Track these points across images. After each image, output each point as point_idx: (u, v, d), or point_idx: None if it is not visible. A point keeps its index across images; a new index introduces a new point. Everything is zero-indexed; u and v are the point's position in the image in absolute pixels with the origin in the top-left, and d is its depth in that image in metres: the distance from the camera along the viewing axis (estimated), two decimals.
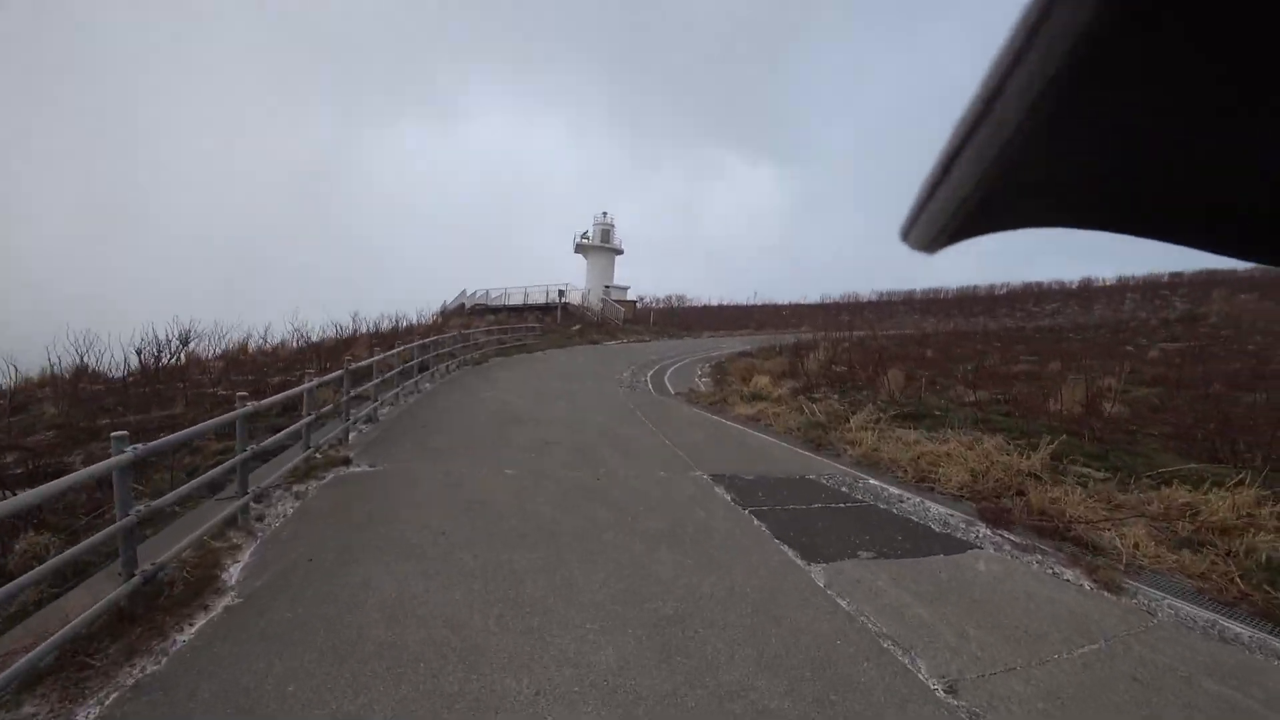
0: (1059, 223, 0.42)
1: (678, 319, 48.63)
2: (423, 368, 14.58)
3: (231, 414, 5.64)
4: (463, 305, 52.54)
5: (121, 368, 15.80)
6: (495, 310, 49.02)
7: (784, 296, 74.45)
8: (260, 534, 5.60)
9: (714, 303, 66.64)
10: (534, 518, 6.24)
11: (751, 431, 11.58)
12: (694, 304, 64.76)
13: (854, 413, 12.98)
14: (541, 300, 45.73)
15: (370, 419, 10.37)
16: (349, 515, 6.09)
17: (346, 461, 7.82)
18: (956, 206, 0.38)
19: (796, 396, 15.15)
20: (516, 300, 48.73)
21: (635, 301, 48.22)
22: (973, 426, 11.11)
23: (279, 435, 7.34)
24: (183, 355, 17.75)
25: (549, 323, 37.68)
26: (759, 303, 68.38)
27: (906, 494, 7.84)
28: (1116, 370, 17.03)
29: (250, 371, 17.20)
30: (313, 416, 7.64)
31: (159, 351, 16.62)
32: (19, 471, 7.72)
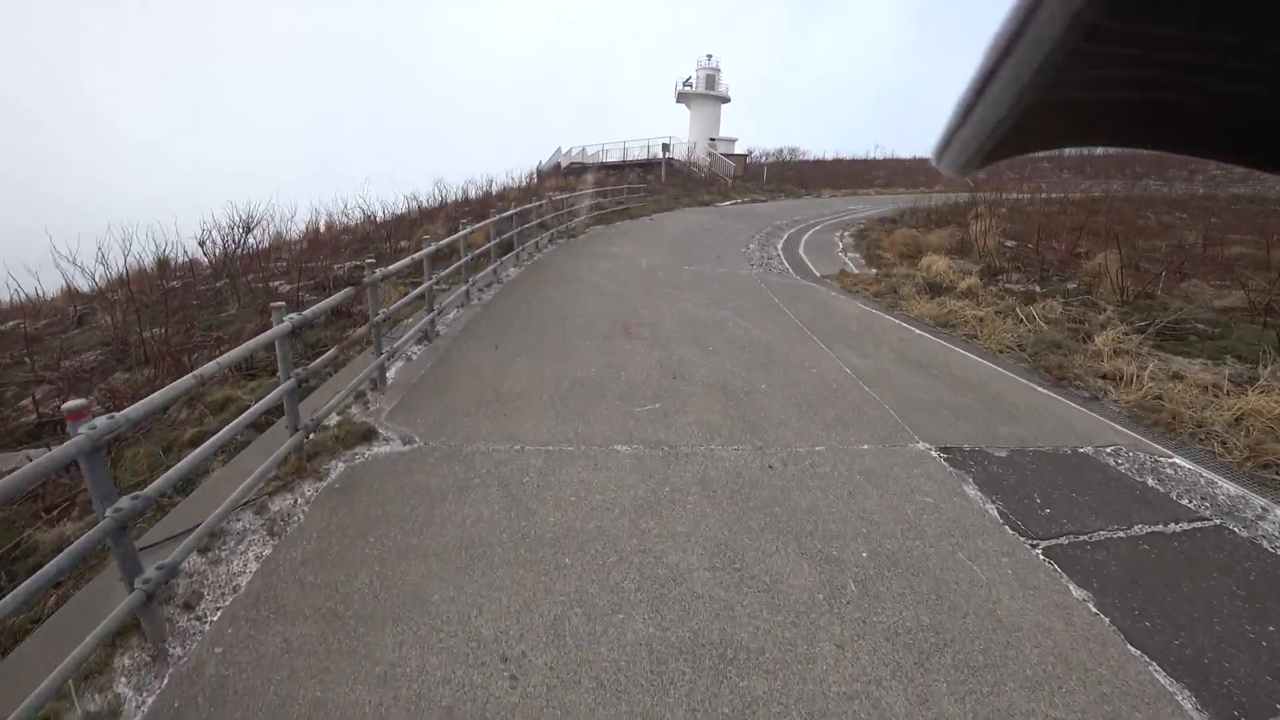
0: (1100, 141, 0.40)
1: (794, 175, 43.25)
2: (506, 248, 11.44)
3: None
4: (558, 165, 49.01)
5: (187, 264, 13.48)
6: (593, 169, 45.18)
7: (906, 149, 66.24)
8: None
9: (828, 156, 59.85)
10: (673, 608, 3.09)
11: (954, 348, 7.97)
12: (807, 158, 58.33)
13: (1082, 320, 9.08)
14: (642, 156, 41.39)
15: (427, 335, 7.28)
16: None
17: (369, 436, 4.82)
18: (993, 128, 0.36)
19: (987, 287, 11.22)
20: (615, 157, 44.58)
21: (745, 155, 43.02)
22: None
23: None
24: (250, 241, 15.26)
25: (652, 181, 33.60)
26: (880, 156, 60.96)
27: (1252, 496, 4.50)
28: None
29: (328, 253, 14.68)
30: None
31: (227, 242, 14.18)
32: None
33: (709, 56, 45.20)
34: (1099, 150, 59.62)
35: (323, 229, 18.77)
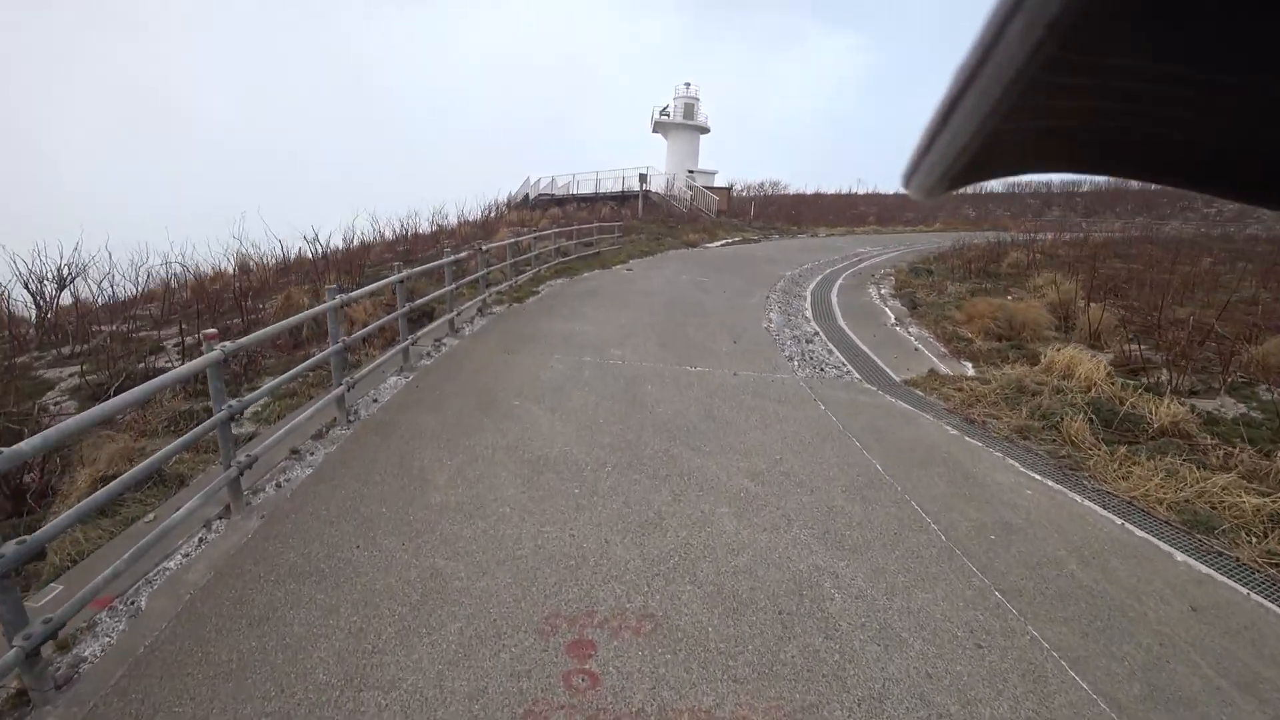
0: (1061, 168, 0.41)
1: (783, 211, 38.97)
2: (422, 317, 6.60)
3: None
4: (526, 196, 44.39)
5: None
6: (562, 201, 40.60)
7: (887, 185, 62.70)
8: None
9: (809, 191, 55.96)
10: None
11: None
12: (789, 192, 54.40)
13: None
14: (616, 189, 36.86)
15: None
16: None
17: None
18: (957, 154, 0.37)
19: (1184, 406, 6.58)
20: (587, 189, 40.06)
21: (729, 189, 38.69)
22: None
23: None
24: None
25: (627, 216, 29.03)
26: (862, 191, 57.22)
27: None
28: None
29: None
30: None
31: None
32: None
33: (687, 84, 41.12)
34: (1085, 185, 56.66)
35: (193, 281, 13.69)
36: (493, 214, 29.54)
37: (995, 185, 56.88)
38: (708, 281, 14.03)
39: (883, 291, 13.98)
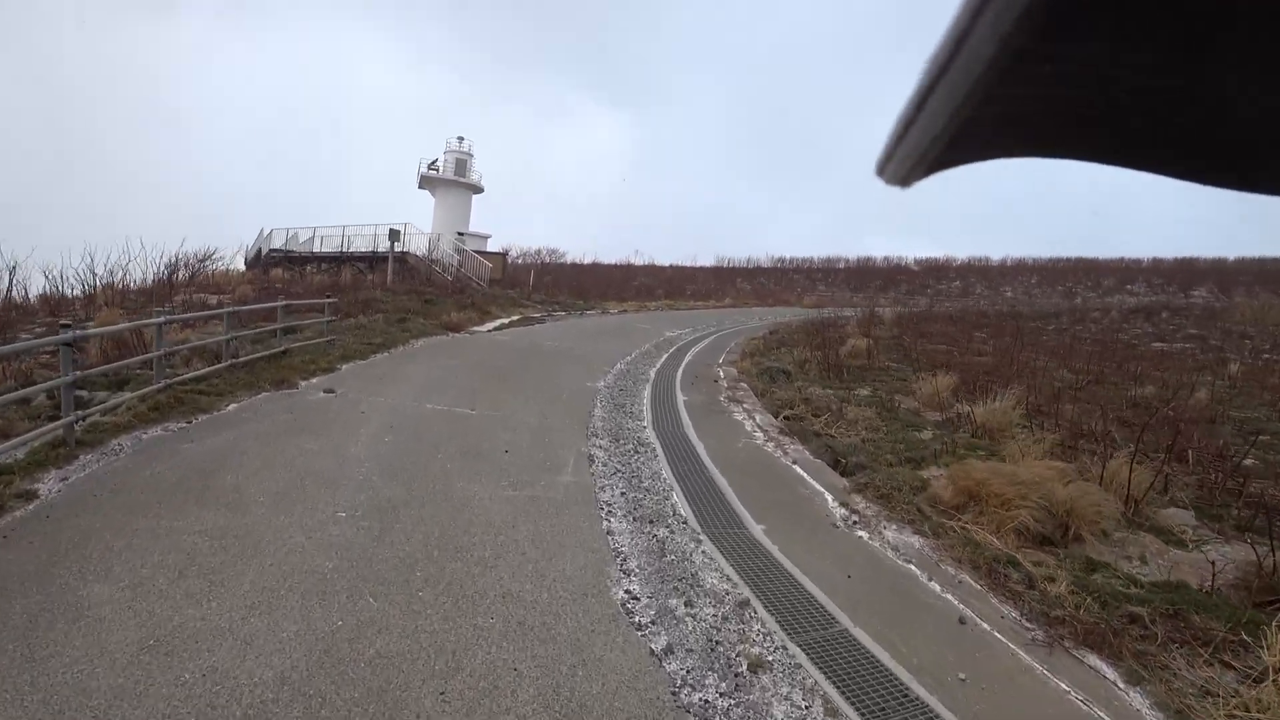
0: (1032, 153, 0.41)
1: (565, 282, 33.69)
2: None
3: None
4: (259, 252, 34.98)
5: None
6: (301, 260, 32.10)
7: (661, 255, 61.01)
8: None
9: (587, 260, 51.87)
10: None
11: None
12: (567, 261, 49.80)
13: None
14: (367, 249, 29.40)
15: None
16: None
17: None
18: (930, 142, 0.37)
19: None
20: (332, 246, 32.02)
21: (505, 254, 32.73)
22: None
23: None
24: None
25: (375, 281, 21.83)
26: (640, 262, 54.38)
27: None
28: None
29: None
30: None
31: None
32: None
33: (460, 139, 35.24)
34: (840, 262, 59.12)
35: None
36: (180, 273, 20.60)
37: (762, 259, 57.36)
38: (475, 412, 7.69)
39: (756, 419, 8.63)
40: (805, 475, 6.52)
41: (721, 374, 11.99)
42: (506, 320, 17.87)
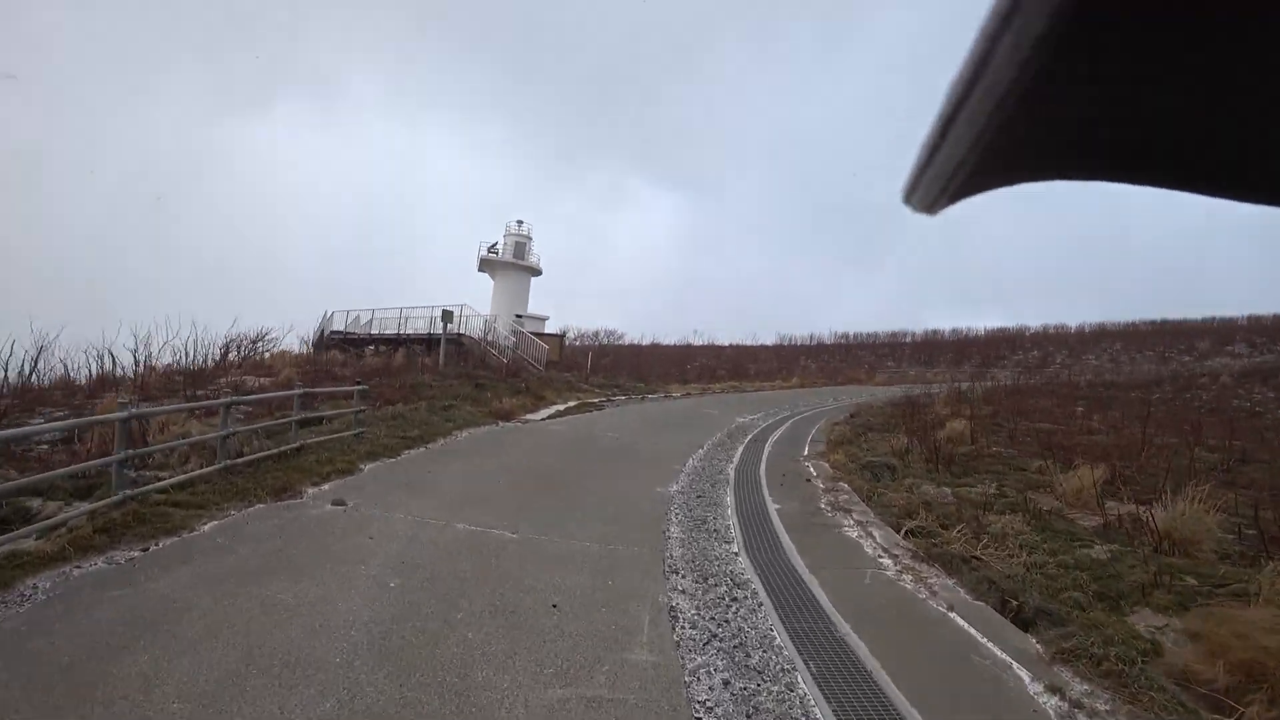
0: (1058, 176, 0.39)
1: (624, 364, 32.29)
2: None
3: None
4: (322, 333, 34.86)
5: None
6: (360, 342, 31.73)
7: (721, 335, 59.32)
8: None
9: (645, 341, 50.61)
10: None
11: None
12: (625, 342, 48.64)
13: None
14: (424, 330, 28.75)
15: None
16: None
17: None
18: (955, 168, 0.36)
19: None
20: (391, 329, 31.63)
21: (562, 336, 31.63)
22: None
23: None
24: None
25: (428, 364, 20.76)
26: (699, 343, 52.86)
27: None
28: None
29: None
30: None
31: None
32: None
33: (519, 222, 35.05)
34: (908, 336, 56.13)
35: None
36: (233, 354, 19.93)
37: (825, 336, 55.18)
38: (517, 536, 5.89)
39: (875, 535, 6.56)
40: (973, 632, 4.45)
41: (812, 470, 9.96)
42: (563, 406, 16.27)
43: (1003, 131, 0.32)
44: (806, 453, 11.56)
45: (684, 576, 5.09)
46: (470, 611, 4.17)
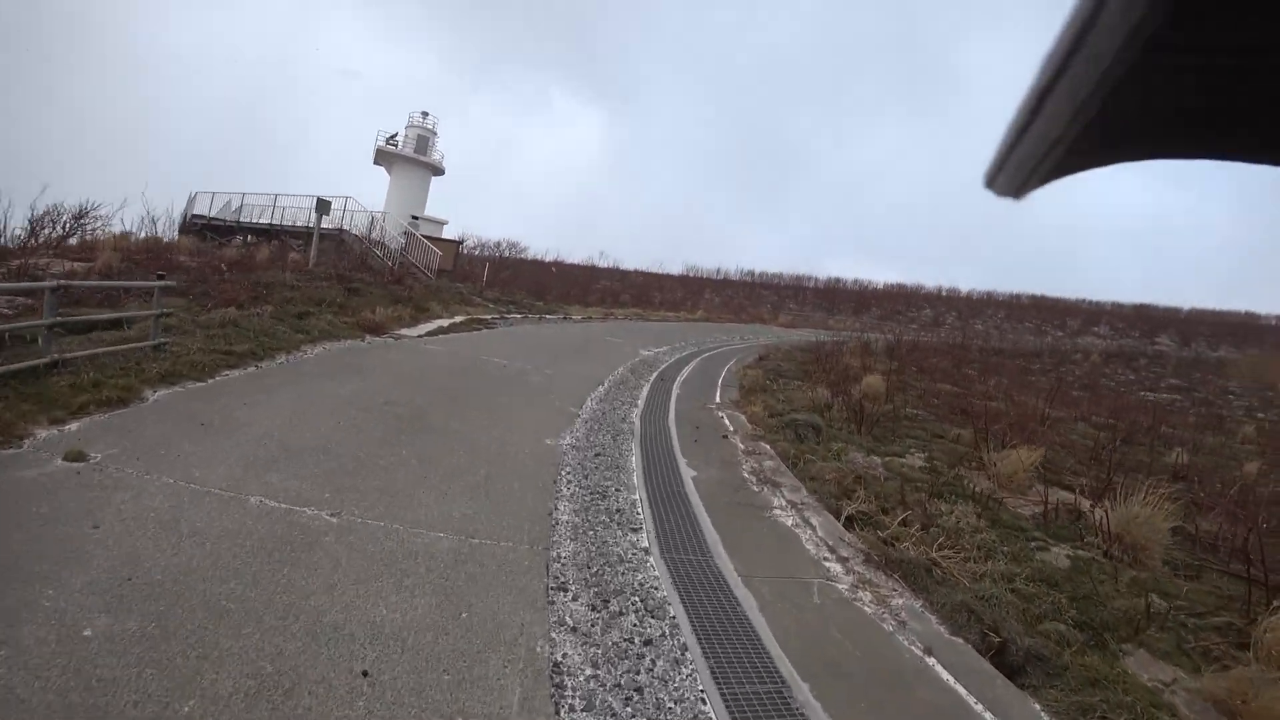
0: (1162, 154, 0.36)
1: (524, 279, 29.98)
2: None
3: None
4: (185, 217, 30.23)
5: None
6: (228, 231, 27.83)
7: (627, 259, 57.46)
8: None
9: (549, 257, 47.86)
10: None
11: None
12: (527, 256, 45.84)
13: None
14: (305, 223, 25.31)
15: None
16: None
17: None
18: (1050, 146, 0.33)
19: None
20: (266, 218, 27.89)
21: (458, 243, 28.80)
22: None
23: None
24: None
25: (300, 261, 17.89)
26: (605, 265, 50.66)
27: None
28: None
29: None
30: None
31: None
32: None
33: (424, 114, 31.41)
34: (811, 281, 56.32)
35: None
36: (47, 230, 16.18)
37: (732, 271, 54.43)
38: (338, 519, 4.17)
39: (814, 524, 5.29)
40: (962, 691, 3.26)
41: (728, 423, 8.67)
42: (447, 322, 14.17)
43: (1106, 106, 0.28)
44: (719, 399, 10.27)
45: (575, 598, 3.56)
46: (204, 700, 2.44)
